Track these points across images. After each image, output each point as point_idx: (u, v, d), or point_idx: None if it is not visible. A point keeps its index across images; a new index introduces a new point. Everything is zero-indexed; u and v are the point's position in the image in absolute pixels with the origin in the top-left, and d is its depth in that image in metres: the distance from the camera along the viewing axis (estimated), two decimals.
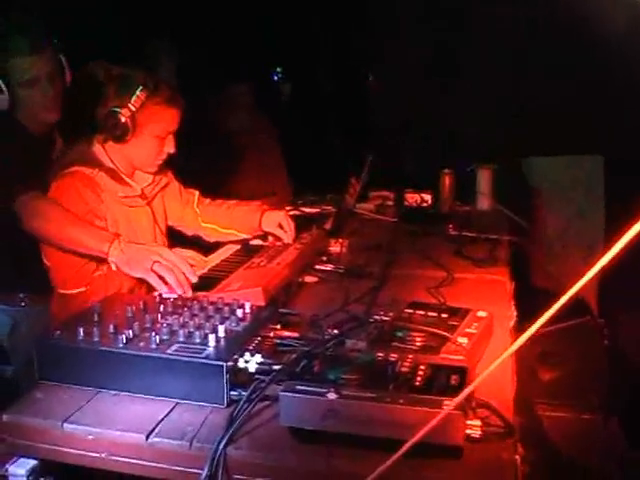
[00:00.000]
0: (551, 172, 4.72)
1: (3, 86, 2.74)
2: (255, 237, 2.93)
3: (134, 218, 2.66)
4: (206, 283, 2.36)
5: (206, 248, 2.85)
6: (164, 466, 1.61)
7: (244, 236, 2.94)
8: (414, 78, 5.25)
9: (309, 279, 2.63)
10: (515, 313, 2.47)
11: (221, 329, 1.84)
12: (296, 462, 1.55)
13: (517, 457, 1.58)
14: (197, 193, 3.01)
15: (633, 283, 4.03)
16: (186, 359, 1.73)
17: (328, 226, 3.11)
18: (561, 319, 3.99)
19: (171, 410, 1.73)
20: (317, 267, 2.72)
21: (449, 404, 1.52)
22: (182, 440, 1.60)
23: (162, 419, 1.69)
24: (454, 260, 2.93)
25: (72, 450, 1.66)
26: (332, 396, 1.56)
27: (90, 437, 1.65)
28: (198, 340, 1.80)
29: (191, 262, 2.47)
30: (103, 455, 1.64)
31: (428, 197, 3.75)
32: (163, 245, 2.72)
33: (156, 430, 1.64)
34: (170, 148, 2.67)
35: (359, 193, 3.47)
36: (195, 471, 1.56)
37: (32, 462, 1.70)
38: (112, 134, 2.54)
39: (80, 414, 1.71)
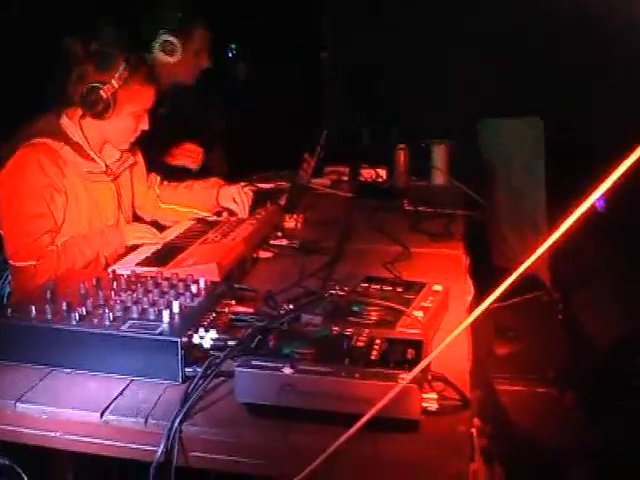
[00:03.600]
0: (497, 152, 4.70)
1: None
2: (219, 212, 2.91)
3: (97, 194, 2.63)
4: (160, 258, 2.34)
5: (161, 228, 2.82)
6: (119, 444, 1.59)
7: (203, 214, 2.92)
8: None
9: (263, 254, 2.61)
10: (472, 288, 2.49)
11: (175, 305, 1.82)
12: (252, 438, 1.54)
13: (473, 430, 1.60)
14: (158, 177, 3.00)
15: (584, 259, 4.10)
16: (140, 336, 1.71)
17: (283, 201, 3.10)
18: (517, 294, 4.04)
19: (126, 387, 1.71)
20: (272, 242, 2.70)
21: (404, 377, 1.53)
22: (137, 417, 1.58)
23: (117, 397, 1.66)
24: (410, 235, 2.93)
25: (26, 430, 1.63)
26: (288, 371, 1.55)
27: (44, 416, 1.62)
28: (152, 316, 1.78)
29: (147, 240, 2.53)
30: (58, 434, 1.61)
31: (383, 172, 3.75)
32: (127, 222, 2.76)
33: (110, 407, 1.62)
34: (144, 125, 2.65)
35: (314, 168, 3.46)
36: (151, 448, 1.54)
37: None
38: (92, 110, 2.51)
39: (33, 393, 1.68)
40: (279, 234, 2.80)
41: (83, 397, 1.67)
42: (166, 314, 1.77)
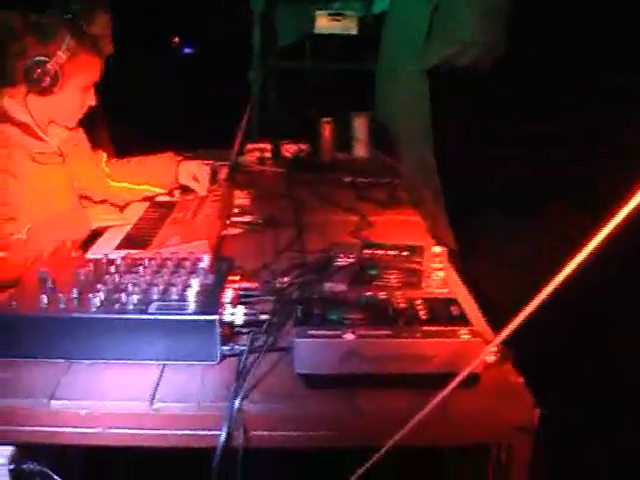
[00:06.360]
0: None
1: None
2: (171, 191, 2.77)
3: (49, 176, 2.43)
4: (137, 240, 2.21)
5: None
6: (173, 432, 1.48)
7: (158, 191, 2.77)
8: None
9: (232, 231, 2.51)
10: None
11: (195, 283, 1.72)
12: (320, 409, 1.48)
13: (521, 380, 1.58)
14: (104, 153, 2.81)
15: None
16: (172, 317, 1.60)
17: (222, 177, 2.97)
18: None
19: (162, 372, 1.59)
20: (234, 219, 2.60)
21: (464, 333, 1.51)
22: (189, 402, 1.48)
23: (158, 383, 1.55)
24: (358, 204, 2.89)
25: (63, 429, 1.49)
26: (349, 337, 1.49)
27: (83, 412, 1.48)
28: (175, 297, 1.67)
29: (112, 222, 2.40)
30: (100, 430, 1.48)
31: (305, 147, 3.69)
32: (77, 205, 2.57)
33: (157, 395, 1.50)
34: (92, 100, 2.48)
35: (240, 146, 3.36)
36: (207, 433, 1.45)
37: (10, 448, 1.51)
38: (38, 86, 2.32)
39: (63, 389, 1.53)
40: (236, 210, 2.69)
41: (121, 387, 1.54)
42: (191, 293, 1.67)
